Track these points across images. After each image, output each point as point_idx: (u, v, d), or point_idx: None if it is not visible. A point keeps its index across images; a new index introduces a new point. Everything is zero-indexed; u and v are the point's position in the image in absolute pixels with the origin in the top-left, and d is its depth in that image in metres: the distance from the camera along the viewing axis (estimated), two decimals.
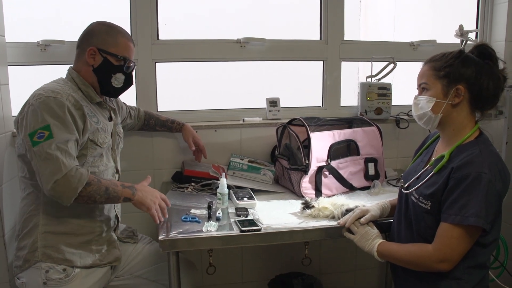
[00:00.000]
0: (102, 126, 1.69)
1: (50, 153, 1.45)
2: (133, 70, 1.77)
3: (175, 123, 2.19)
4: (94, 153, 1.64)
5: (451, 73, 1.41)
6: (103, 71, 1.68)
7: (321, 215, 1.73)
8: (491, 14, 2.64)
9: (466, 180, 1.32)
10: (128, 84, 1.78)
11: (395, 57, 2.46)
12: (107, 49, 1.67)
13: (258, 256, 2.52)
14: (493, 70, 1.42)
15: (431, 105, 1.44)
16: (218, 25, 2.49)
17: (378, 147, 2.17)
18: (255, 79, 2.64)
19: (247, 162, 2.19)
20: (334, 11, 2.46)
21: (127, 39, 1.73)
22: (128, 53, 1.72)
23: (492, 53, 1.43)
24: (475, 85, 1.40)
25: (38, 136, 1.47)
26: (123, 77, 1.73)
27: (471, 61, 1.42)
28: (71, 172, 1.46)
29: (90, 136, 1.62)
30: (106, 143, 1.69)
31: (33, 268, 1.56)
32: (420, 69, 1.51)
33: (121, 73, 1.71)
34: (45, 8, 2.28)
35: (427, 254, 1.37)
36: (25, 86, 2.15)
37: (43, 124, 1.48)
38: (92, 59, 1.67)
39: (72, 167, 1.47)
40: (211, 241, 1.57)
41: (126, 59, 1.71)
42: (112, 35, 1.68)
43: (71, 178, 1.45)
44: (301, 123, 2.06)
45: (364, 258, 2.56)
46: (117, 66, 1.69)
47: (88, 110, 1.64)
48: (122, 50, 1.69)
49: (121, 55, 1.69)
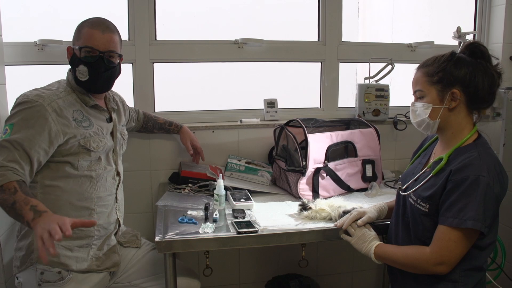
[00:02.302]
0: (95, 129, 1.67)
1: (1, 149, 1.47)
2: (99, 58, 1.63)
3: (172, 125, 2.18)
4: (88, 158, 1.63)
5: (444, 78, 1.40)
6: (71, 66, 1.68)
7: (318, 216, 1.72)
8: (488, 16, 2.65)
9: (465, 183, 1.31)
10: (95, 74, 1.63)
11: (393, 58, 2.46)
12: (73, 44, 1.66)
13: (255, 257, 2.52)
14: (486, 69, 1.41)
15: (428, 111, 1.43)
16: (216, 26, 2.49)
17: (375, 148, 2.17)
18: (252, 80, 2.64)
19: (245, 163, 2.19)
20: (332, 12, 2.46)
21: (92, 27, 1.63)
22: (89, 42, 1.61)
23: (483, 50, 1.42)
24: (470, 86, 1.39)
25: (3, 132, 1.51)
26: (85, 68, 1.62)
27: (463, 62, 1.41)
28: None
29: (81, 141, 1.60)
30: (101, 147, 1.67)
31: (30, 269, 1.56)
32: (414, 75, 1.50)
33: (82, 64, 1.62)
34: (42, 7, 2.28)
35: (425, 257, 1.37)
36: (22, 86, 2.15)
37: (10, 121, 1.51)
38: (68, 57, 1.68)
39: (1, 167, 1.42)
40: (208, 243, 1.57)
41: (86, 47, 1.61)
42: (80, 29, 1.66)
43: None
44: (298, 124, 2.05)
45: (361, 260, 2.56)
46: (78, 58, 1.63)
47: (79, 114, 1.63)
48: (83, 41, 1.62)
49: (82, 45, 1.62)
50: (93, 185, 1.66)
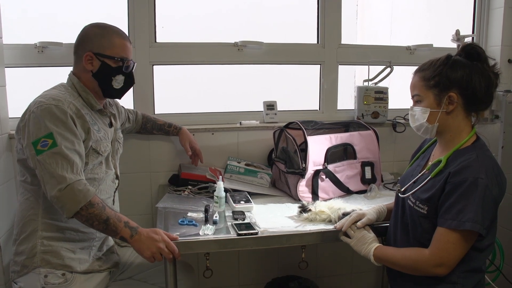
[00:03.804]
0: (103, 134, 1.68)
1: (53, 161, 1.44)
2: (133, 68, 1.75)
3: (172, 127, 2.18)
4: (94, 161, 1.63)
5: (441, 82, 1.41)
6: (103, 75, 1.66)
7: (318, 218, 1.73)
8: (487, 19, 2.66)
9: (463, 185, 1.32)
10: (130, 83, 1.76)
11: (392, 61, 2.47)
12: (103, 52, 1.64)
13: (255, 259, 2.52)
14: (483, 70, 1.40)
15: (426, 116, 1.44)
16: (216, 28, 2.49)
17: (374, 151, 2.17)
18: (252, 82, 2.64)
19: (244, 165, 2.19)
20: (332, 15, 2.47)
21: (123, 38, 1.69)
22: (125, 53, 1.69)
23: (479, 52, 1.42)
24: (467, 89, 1.40)
25: (41, 145, 1.46)
26: (122, 78, 1.70)
27: (459, 65, 1.41)
28: (78, 186, 1.45)
29: (93, 145, 1.61)
30: (107, 151, 1.69)
31: (32, 273, 1.55)
32: (411, 79, 1.50)
33: (121, 74, 1.69)
34: (42, 9, 2.28)
35: (424, 259, 1.37)
36: (22, 88, 2.15)
37: (46, 132, 1.46)
38: (90, 64, 1.64)
39: (80, 180, 1.46)
40: (208, 245, 1.57)
41: (124, 59, 1.68)
42: (106, 37, 1.65)
43: (76, 190, 1.44)
44: (298, 126, 2.06)
45: (361, 262, 2.56)
46: (116, 68, 1.67)
47: (90, 118, 1.62)
48: (118, 51, 1.66)
49: (118, 56, 1.66)
50: (96, 188, 1.66)
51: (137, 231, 1.51)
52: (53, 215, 1.59)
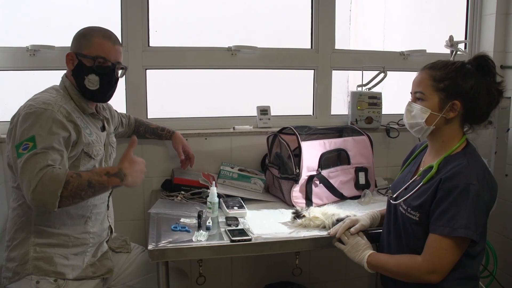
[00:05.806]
0: (95, 137, 1.67)
1: (29, 163, 1.39)
2: (111, 70, 1.67)
3: (165, 130, 2.17)
4: (87, 165, 1.61)
5: (450, 87, 1.40)
6: (76, 74, 1.64)
7: (311, 224, 1.72)
8: (479, 25, 2.68)
9: (455, 191, 1.32)
10: (109, 85, 1.68)
11: (386, 66, 2.47)
12: (81, 51, 1.62)
13: (248, 265, 2.51)
14: (490, 86, 1.40)
15: (425, 116, 1.43)
16: (209, 33, 2.49)
17: (368, 156, 2.17)
18: (246, 87, 2.64)
19: (237, 171, 2.18)
20: (325, 20, 2.48)
21: (104, 38, 1.64)
22: (102, 52, 1.63)
23: (490, 66, 1.41)
24: (471, 101, 1.39)
25: (23, 148, 1.42)
26: (96, 78, 1.63)
27: (471, 76, 1.40)
28: (45, 177, 1.36)
29: (85, 148, 1.59)
30: (99, 155, 1.67)
31: (24, 279, 1.53)
32: (418, 74, 1.48)
33: (93, 74, 1.63)
34: (34, 13, 2.26)
35: (417, 266, 1.37)
36: (13, 91, 2.13)
37: (29, 135, 1.43)
38: (71, 64, 1.64)
39: (47, 169, 1.38)
40: (201, 251, 1.55)
41: (98, 57, 1.62)
42: (87, 37, 1.63)
43: (46, 182, 1.36)
44: (292, 131, 2.06)
45: (354, 268, 2.53)
46: (89, 67, 1.63)
47: (81, 121, 1.60)
48: (94, 50, 1.62)
49: (92, 55, 1.62)
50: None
51: (122, 173, 1.48)
52: (46, 221, 1.57)
